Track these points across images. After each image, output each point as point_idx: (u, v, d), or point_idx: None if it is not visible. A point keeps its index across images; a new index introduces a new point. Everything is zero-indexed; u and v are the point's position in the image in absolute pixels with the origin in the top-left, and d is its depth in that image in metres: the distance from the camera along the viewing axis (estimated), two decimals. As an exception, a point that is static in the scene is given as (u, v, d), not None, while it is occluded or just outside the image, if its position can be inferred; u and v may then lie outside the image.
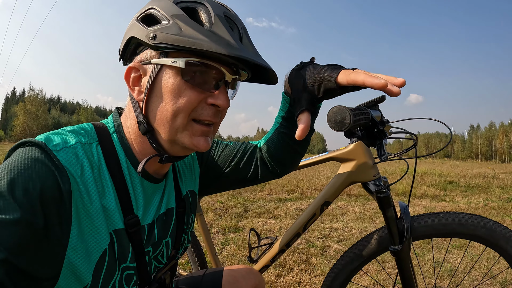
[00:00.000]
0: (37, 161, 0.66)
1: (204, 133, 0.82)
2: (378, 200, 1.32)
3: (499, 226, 1.32)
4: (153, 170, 0.90)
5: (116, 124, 0.87)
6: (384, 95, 1.12)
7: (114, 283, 0.79)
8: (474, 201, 7.21)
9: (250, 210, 5.79)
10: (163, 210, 0.95)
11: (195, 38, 0.72)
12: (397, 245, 1.33)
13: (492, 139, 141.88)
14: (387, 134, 1.03)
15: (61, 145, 0.72)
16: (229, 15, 0.80)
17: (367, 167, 1.34)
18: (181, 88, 0.76)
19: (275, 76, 0.90)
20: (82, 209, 0.72)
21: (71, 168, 0.70)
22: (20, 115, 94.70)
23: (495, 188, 9.27)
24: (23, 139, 0.73)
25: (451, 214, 1.36)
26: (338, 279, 1.51)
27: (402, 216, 1.34)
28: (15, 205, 0.60)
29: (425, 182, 10.38)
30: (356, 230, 4.65)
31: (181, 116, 0.77)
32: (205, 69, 0.77)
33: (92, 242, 0.74)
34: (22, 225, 0.59)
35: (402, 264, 1.37)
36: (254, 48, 0.83)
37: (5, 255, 0.56)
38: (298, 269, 3.18)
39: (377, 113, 1.10)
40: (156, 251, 0.93)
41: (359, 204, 6.52)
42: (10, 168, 0.63)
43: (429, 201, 7.23)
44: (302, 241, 4.06)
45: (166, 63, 0.76)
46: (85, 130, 0.81)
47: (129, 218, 0.81)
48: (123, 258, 0.81)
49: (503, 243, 1.31)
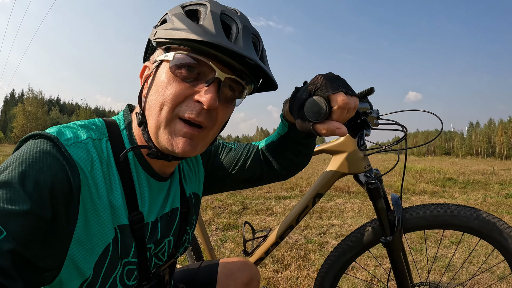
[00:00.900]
0: (49, 154, 0.67)
1: (187, 135, 0.78)
2: (369, 191, 1.33)
3: (493, 217, 1.31)
4: (158, 168, 0.90)
5: (126, 122, 0.89)
6: (373, 87, 1.13)
7: (115, 277, 0.81)
8: (473, 197, 7.23)
9: (249, 207, 5.80)
10: (168, 209, 0.96)
11: (178, 29, 0.74)
12: (388, 236, 1.34)
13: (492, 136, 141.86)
14: (371, 125, 1.04)
15: (72, 139, 0.73)
16: (227, 13, 0.79)
17: (358, 159, 1.35)
18: (169, 81, 0.77)
19: (272, 81, 0.87)
20: (89, 203, 0.73)
21: (81, 163, 0.71)
22: (19, 116, 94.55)
23: (494, 185, 9.29)
24: (35, 131, 0.74)
25: (443, 206, 1.35)
26: (332, 271, 1.52)
27: (394, 208, 1.35)
28: (25, 197, 0.60)
29: (424, 179, 10.41)
30: (354, 226, 4.65)
31: (165, 109, 0.76)
32: (195, 65, 0.76)
33: (96, 236, 0.75)
34: (31, 217, 0.60)
35: (394, 255, 1.38)
36: (250, 45, 0.78)
37: (13, 245, 0.57)
38: (296, 264, 3.18)
39: (365, 105, 1.11)
40: (157, 249, 0.94)
41: (357, 201, 6.53)
42: (22, 160, 0.64)
43: (427, 198, 7.25)
44: (300, 237, 4.08)
45: (162, 58, 0.78)
46: (96, 126, 0.83)
47: (133, 214, 0.83)
48: (126, 253, 0.82)
49: (496, 235, 1.30)
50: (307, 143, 1.11)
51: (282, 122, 1.08)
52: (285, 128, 1.07)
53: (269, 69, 0.85)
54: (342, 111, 0.77)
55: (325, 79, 0.80)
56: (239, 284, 1.30)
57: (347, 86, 0.81)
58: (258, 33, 0.86)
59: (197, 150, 0.82)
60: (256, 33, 0.85)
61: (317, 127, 0.79)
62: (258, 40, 0.85)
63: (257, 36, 0.85)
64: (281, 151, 1.14)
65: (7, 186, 0.60)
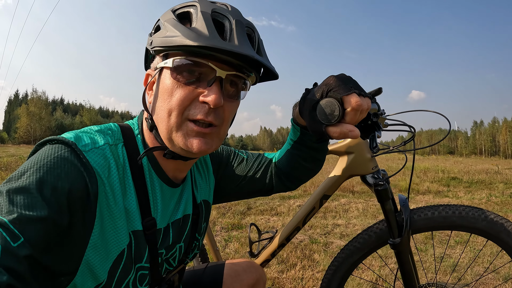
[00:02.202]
0: (67, 160, 0.68)
1: (200, 134, 0.79)
2: (376, 193, 1.32)
3: (501, 218, 1.30)
4: (171, 174, 0.91)
5: (141, 127, 0.90)
6: (381, 87, 1.12)
7: (128, 282, 0.82)
8: (478, 197, 7.20)
9: (253, 207, 5.79)
10: (179, 215, 0.97)
11: (173, 36, 0.74)
12: (396, 238, 1.33)
13: (496, 135, 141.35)
14: (381, 127, 1.03)
15: (90, 145, 0.74)
16: (218, 10, 0.79)
17: (365, 160, 1.34)
18: (173, 87, 0.77)
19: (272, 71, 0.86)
20: (106, 209, 0.74)
21: (99, 170, 0.72)
22: (23, 117, 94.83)
23: (498, 184, 9.24)
24: (52, 136, 0.74)
25: (452, 207, 1.35)
26: (339, 272, 1.52)
27: (402, 209, 1.34)
28: (43, 203, 0.61)
29: (428, 178, 10.37)
30: (359, 226, 4.65)
31: (174, 115, 0.77)
32: (195, 67, 0.77)
33: (112, 241, 0.76)
34: (48, 223, 0.61)
35: (402, 257, 1.37)
36: (245, 39, 0.78)
37: (30, 251, 0.58)
38: (300, 265, 3.18)
39: (374, 105, 1.11)
40: (169, 254, 0.95)
41: (362, 200, 6.52)
42: (40, 166, 0.65)
43: (432, 197, 7.22)
44: (305, 237, 4.07)
45: (162, 65, 0.79)
46: (112, 131, 0.83)
47: (147, 220, 0.84)
48: (139, 258, 0.83)
49: (504, 236, 1.29)
50: (320, 147, 1.09)
51: (294, 126, 1.07)
52: (297, 132, 1.06)
53: (267, 60, 0.84)
54: (355, 113, 0.76)
55: (338, 80, 0.79)
56: (245, 285, 1.30)
57: (359, 87, 0.80)
58: (252, 24, 0.85)
59: (213, 147, 0.83)
60: (250, 25, 0.84)
61: (330, 130, 0.78)
62: (253, 31, 0.84)
63: (251, 28, 0.84)
64: (294, 160, 1.14)
65: (25, 192, 0.61)
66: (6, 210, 0.59)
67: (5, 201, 0.60)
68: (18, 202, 0.60)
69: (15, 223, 0.58)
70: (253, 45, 0.83)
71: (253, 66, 0.81)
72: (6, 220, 0.58)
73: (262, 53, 0.86)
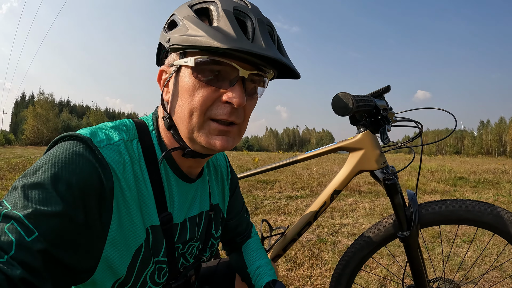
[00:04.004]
0: (82, 156, 0.68)
1: (222, 133, 0.79)
2: (386, 187, 1.35)
3: (507, 213, 1.32)
4: (186, 169, 0.92)
5: (155, 124, 0.90)
6: (389, 85, 1.16)
7: (146, 276, 0.83)
8: (484, 196, 7.18)
9: (260, 207, 5.82)
10: (196, 211, 0.98)
11: (197, 36, 0.72)
12: (405, 231, 1.37)
13: (503, 135, 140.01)
14: (391, 121, 1.07)
15: (105, 141, 0.74)
16: (240, 8, 0.77)
17: (374, 156, 1.37)
18: (195, 86, 0.76)
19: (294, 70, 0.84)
20: (123, 205, 0.74)
21: (114, 166, 0.73)
22: (30, 118, 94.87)
23: (505, 183, 9.20)
24: (67, 132, 0.75)
25: (458, 201, 1.37)
26: (349, 267, 1.55)
27: (410, 203, 1.37)
28: (58, 198, 0.61)
29: (435, 178, 10.35)
30: (366, 225, 4.67)
31: (196, 115, 0.77)
32: (217, 66, 0.75)
33: (130, 236, 0.77)
34: (63, 218, 0.61)
35: (411, 250, 1.40)
36: (268, 39, 0.76)
37: (45, 245, 0.58)
38: (309, 263, 3.21)
39: (382, 102, 1.15)
40: (185, 248, 0.96)
41: (368, 200, 6.54)
42: (55, 161, 0.65)
43: (438, 197, 7.20)
44: (313, 236, 4.10)
45: (181, 63, 0.78)
46: (127, 127, 0.83)
47: (163, 215, 0.85)
48: (157, 252, 0.84)
49: (511, 229, 1.31)
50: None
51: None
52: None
53: (289, 59, 0.83)
54: None
55: None
56: None
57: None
58: (270, 22, 0.84)
59: (235, 143, 0.83)
60: (270, 23, 0.83)
61: None
62: (272, 29, 0.83)
63: (271, 26, 0.83)
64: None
65: (40, 187, 0.62)
66: (21, 205, 0.59)
67: (20, 196, 0.61)
68: (33, 197, 0.60)
69: (29, 218, 0.58)
70: (274, 43, 0.82)
71: (272, 64, 0.80)
72: (21, 214, 0.58)
73: (283, 52, 0.86)
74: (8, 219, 0.58)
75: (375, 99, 1.09)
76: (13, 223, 0.57)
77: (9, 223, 0.57)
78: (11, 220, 0.58)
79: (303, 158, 1.59)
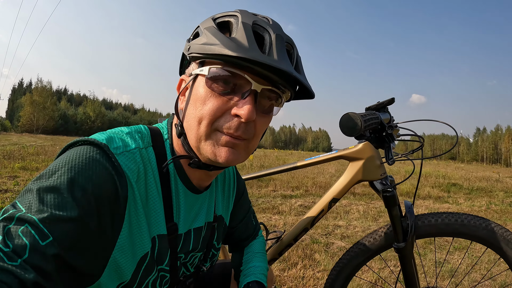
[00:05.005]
0: (98, 162, 0.68)
1: (229, 144, 0.78)
2: (384, 198, 1.37)
3: (501, 228, 1.36)
4: (196, 181, 0.92)
5: (170, 132, 0.90)
6: (393, 97, 1.17)
7: (149, 282, 0.84)
8: (477, 204, 7.24)
9: (255, 205, 5.84)
10: (201, 223, 0.98)
11: (212, 44, 0.73)
12: (400, 242, 1.38)
13: (498, 143, 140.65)
14: (395, 138, 1.08)
15: (121, 148, 0.75)
16: (259, 23, 0.78)
17: (374, 167, 1.38)
18: (207, 96, 0.76)
19: (309, 90, 0.83)
20: (134, 213, 0.75)
21: (129, 174, 0.73)
22: (26, 106, 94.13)
23: (498, 192, 9.28)
24: (84, 137, 0.75)
25: (454, 215, 1.40)
26: (343, 273, 1.57)
27: (407, 215, 1.39)
28: (73, 204, 0.61)
29: (429, 183, 10.40)
30: (359, 228, 4.71)
31: (204, 124, 0.76)
32: (232, 79, 0.75)
33: (137, 243, 0.78)
34: (77, 224, 0.61)
35: (405, 261, 1.43)
36: (284, 54, 0.75)
37: (58, 250, 0.58)
38: (302, 264, 3.24)
39: (386, 115, 1.16)
40: (187, 259, 0.97)
41: (362, 202, 6.58)
42: (71, 166, 0.65)
43: (432, 202, 7.26)
44: (306, 237, 4.12)
45: (198, 72, 0.78)
46: (142, 134, 0.84)
47: (170, 225, 0.85)
48: (161, 261, 0.86)
49: (503, 245, 1.34)
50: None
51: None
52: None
53: (305, 78, 0.83)
54: None
55: None
56: None
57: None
58: (292, 40, 0.83)
59: (240, 159, 0.81)
60: (290, 41, 0.82)
61: None
62: (292, 48, 0.83)
63: (291, 44, 0.82)
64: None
65: (56, 191, 0.61)
66: (36, 209, 0.59)
67: (35, 199, 0.60)
68: (49, 201, 0.60)
69: (44, 222, 0.58)
70: (291, 61, 0.82)
71: (289, 82, 0.79)
72: (36, 218, 0.58)
73: (301, 71, 0.84)
74: (23, 222, 0.58)
75: (380, 113, 1.10)
76: (27, 227, 0.57)
77: (23, 226, 0.57)
78: (26, 224, 0.57)
79: (303, 164, 1.60)
